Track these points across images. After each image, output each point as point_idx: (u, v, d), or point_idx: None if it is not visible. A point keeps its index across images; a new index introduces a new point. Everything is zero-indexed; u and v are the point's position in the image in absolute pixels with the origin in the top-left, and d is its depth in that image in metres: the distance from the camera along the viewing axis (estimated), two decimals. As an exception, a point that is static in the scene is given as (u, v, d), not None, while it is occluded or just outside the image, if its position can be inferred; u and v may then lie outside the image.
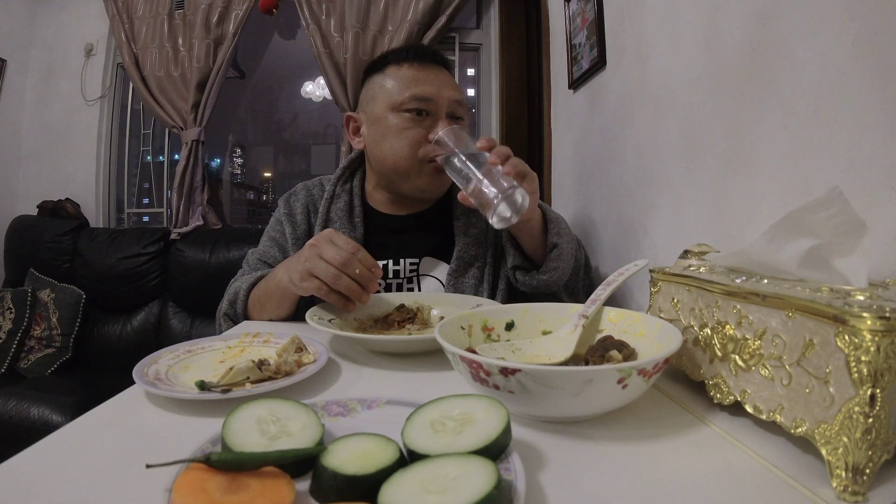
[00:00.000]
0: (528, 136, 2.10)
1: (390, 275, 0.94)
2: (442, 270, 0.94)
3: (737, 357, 0.43)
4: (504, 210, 0.68)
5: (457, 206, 0.97)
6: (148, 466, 0.31)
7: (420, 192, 0.94)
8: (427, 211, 0.99)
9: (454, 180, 0.77)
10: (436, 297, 0.81)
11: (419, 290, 0.93)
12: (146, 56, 2.26)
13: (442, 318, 0.72)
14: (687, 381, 0.52)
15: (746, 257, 0.48)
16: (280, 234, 0.97)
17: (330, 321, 0.70)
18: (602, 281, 0.62)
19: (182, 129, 2.23)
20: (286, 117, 3.17)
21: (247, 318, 0.86)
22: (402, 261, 0.94)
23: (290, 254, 0.93)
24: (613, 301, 0.60)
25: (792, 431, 0.37)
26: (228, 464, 0.31)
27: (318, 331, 0.65)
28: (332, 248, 0.69)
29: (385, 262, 0.93)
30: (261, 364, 0.52)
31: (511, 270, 0.88)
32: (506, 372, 0.40)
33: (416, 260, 0.95)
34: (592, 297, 0.59)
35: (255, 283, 0.86)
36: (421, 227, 0.97)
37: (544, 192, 1.80)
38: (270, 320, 0.84)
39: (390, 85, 0.90)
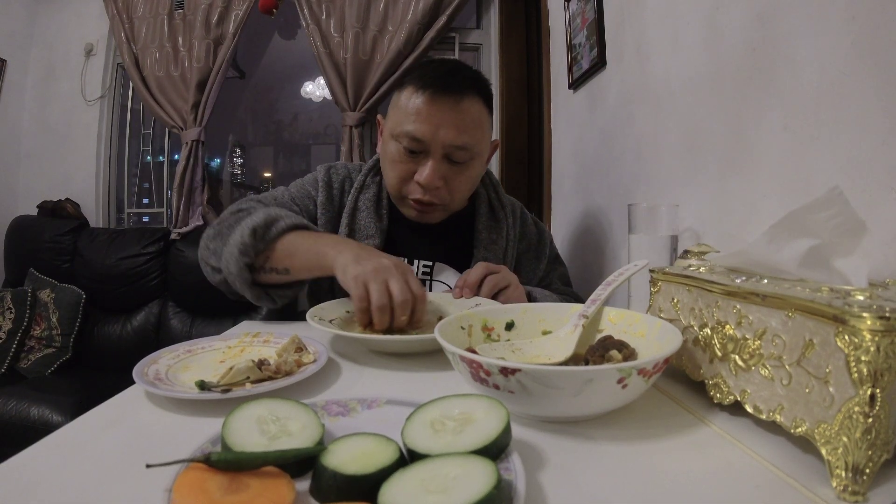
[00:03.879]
0: (528, 136, 2.11)
1: None
2: (452, 277, 0.94)
3: (737, 357, 0.43)
4: None
5: (480, 217, 0.97)
6: (148, 466, 0.31)
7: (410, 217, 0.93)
8: (450, 217, 0.96)
9: None
10: (434, 297, 0.81)
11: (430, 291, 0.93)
12: (146, 56, 2.26)
13: (441, 318, 0.72)
14: (687, 381, 0.52)
15: (746, 257, 0.48)
16: (314, 192, 0.96)
17: (331, 321, 0.70)
18: (602, 281, 0.62)
19: (182, 129, 2.23)
20: (286, 117, 3.17)
21: (266, 249, 0.77)
22: (416, 262, 0.94)
23: (317, 220, 0.93)
24: (613, 301, 0.60)
25: (792, 431, 0.37)
26: (228, 464, 0.31)
27: (318, 331, 0.65)
28: (400, 283, 0.66)
29: (401, 259, 0.93)
30: (261, 364, 0.52)
31: None
32: (506, 372, 0.40)
33: (430, 263, 0.94)
34: (592, 297, 0.59)
35: (300, 227, 0.80)
36: (441, 232, 0.96)
37: (543, 192, 1.80)
38: (282, 271, 0.78)
39: (398, 109, 0.86)
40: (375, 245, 0.91)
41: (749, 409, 0.42)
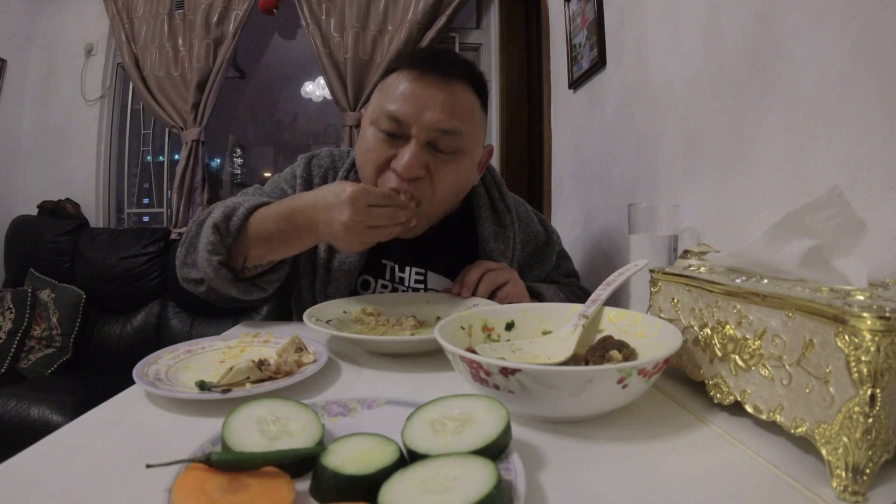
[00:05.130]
0: (528, 136, 2.11)
1: (395, 280, 0.87)
2: (447, 285, 0.87)
3: (737, 357, 0.43)
4: None
5: (482, 222, 0.88)
6: (148, 466, 0.31)
7: None
8: (444, 223, 0.87)
9: None
10: (432, 296, 0.81)
11: None
12: (146, 56, 2.26)
13: (438, 318, 0.72)
14: (687, 381, 0.52)
15: (746, 257, 0.48)
16: (291, 191, 0.88)
17: (328, 322, 0.70)
18: (602, 281, 0.62)
19: (182, 129, 2.23)
20: (286, 117, 3.17)
21: (234, 240, 0.72)
22: (407, 269, 0.87)
23: None
24: (613, 301, 0.60)
25: (792, 431, 0.37)
26: (228, 464, 0.31)
27: (317, 331, 0.65)
28: (378, 212, 0.66)
29: (392, 265, 0.87)
30: (261, 364, 0.52)
31: None
32: (506, 372, 0.40)
33: (423, 271, 0.87)
34: (592, 296, 0.59)
35: (259, 206, 0.74)
36: (436, 239, 0.86)
37: (543, 192, 1.80)
38: (266, 263, 0.75)
39: (381, 92, 0.77)
40: (363, 251, 0.83)
41: (749, 409, 0.42)
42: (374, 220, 0.66)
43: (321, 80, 2.64)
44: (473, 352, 0.48)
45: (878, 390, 0.32)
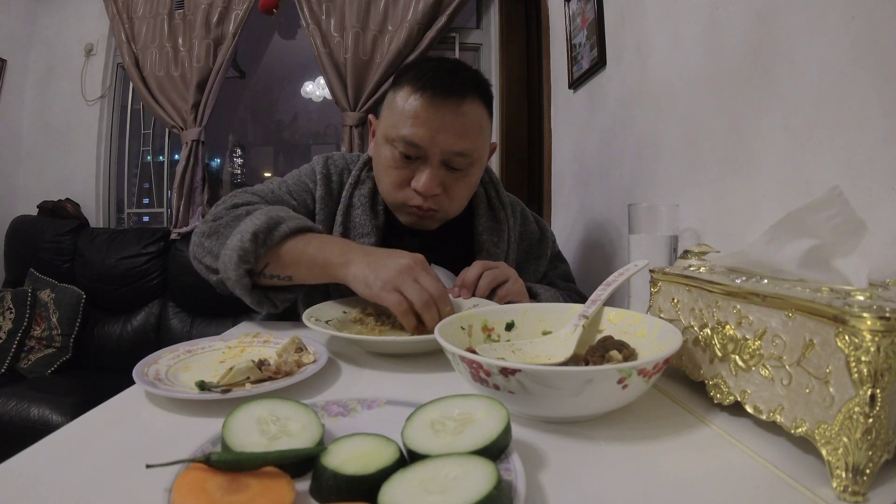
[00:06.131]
0: (528, 136, 2.11)
1: None
2: (449, 280, 0.89)
3: (737, 357, 0.43)
4: None
5: (479, 218, 0.95)
6: (148, 466, 0.31)
7: (408, 225, 0.90)
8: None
9: None
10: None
11: None
12: (146, 56, 2.26)
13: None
14: (687, 381, 0.52)
15: (746, 257, 0.48)
16: (313, 185, 0.92)
17: (327, 322, 0.70)
18: (601, 281, 0.62)
19: (182, 129, 2.23)
20: (286, 117, 3.17)
21: (267, 253, 0.72)
22: None
23: (315, 214, 0.90)
24: (613, 301, 0.60)
25: (792, 431, 0.37)
26: (228, 464, 0.31)
27: (317, 331, 0.65)
28: (429, 278, 0.66)
29: (413, 254, 0.90)
30: (261, 364, 0.52)
31: None
32: (506, 372, 0.40)
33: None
34: (592, 297, 0.59)
35: (305, 230, 0.74)
36: (439, 231, 0.92)
37: (543, 192, 1.80)
38: (284, 278, 0.74)
39: (394, 110, 0.82)
40: (371, 244, 0.88)
41: (749, 409, 0.42)
42: (421, 282, 0.65)
43: (321, 80, 2.64)
44: (473, 352, 0.48)
45: (878, 390, 0.32)
